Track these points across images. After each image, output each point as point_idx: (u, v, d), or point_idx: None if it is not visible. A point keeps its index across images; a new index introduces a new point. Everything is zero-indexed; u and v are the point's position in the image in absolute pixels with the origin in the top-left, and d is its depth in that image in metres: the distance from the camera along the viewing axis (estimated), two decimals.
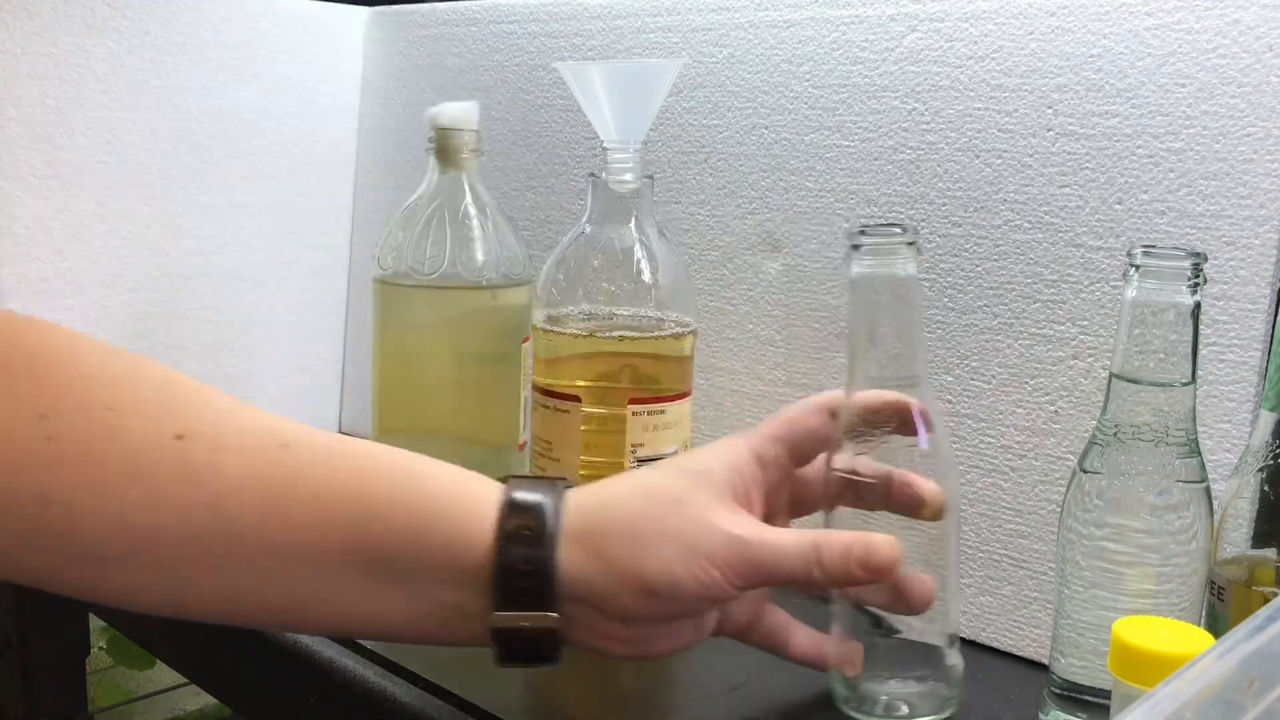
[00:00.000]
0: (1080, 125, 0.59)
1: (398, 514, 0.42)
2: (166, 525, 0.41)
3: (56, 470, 0.40)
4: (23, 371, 0.41)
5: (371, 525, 0.42)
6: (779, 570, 0.45)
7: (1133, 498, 0.48)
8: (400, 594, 0.43)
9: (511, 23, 0.89)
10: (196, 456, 0.41)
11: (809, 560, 0.45)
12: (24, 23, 0.79)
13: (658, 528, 0.44)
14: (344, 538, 0.42)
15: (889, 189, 0.67)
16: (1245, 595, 0.47)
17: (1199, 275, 0.46)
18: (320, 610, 0.43)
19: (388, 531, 0.42)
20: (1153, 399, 0.47)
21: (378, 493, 0.42)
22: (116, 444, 0.41)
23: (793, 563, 0.45)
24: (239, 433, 0.42)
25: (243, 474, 0.41)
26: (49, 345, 0.42)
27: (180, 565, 0.41)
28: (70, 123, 0.81)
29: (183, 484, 0.41)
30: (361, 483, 0.42)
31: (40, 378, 0.41)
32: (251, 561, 0.41)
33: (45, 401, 0.40)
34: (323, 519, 0.42)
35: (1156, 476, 0.47)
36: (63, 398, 0.41)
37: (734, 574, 0.44)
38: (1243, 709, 0.27)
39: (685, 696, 0.59)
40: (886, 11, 0.67)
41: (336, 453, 0.43)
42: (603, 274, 0.63)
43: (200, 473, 0.41)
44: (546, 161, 0.87)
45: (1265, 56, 0.54)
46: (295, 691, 0.61)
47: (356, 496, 0.42)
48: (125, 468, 0.40)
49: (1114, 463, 0.48)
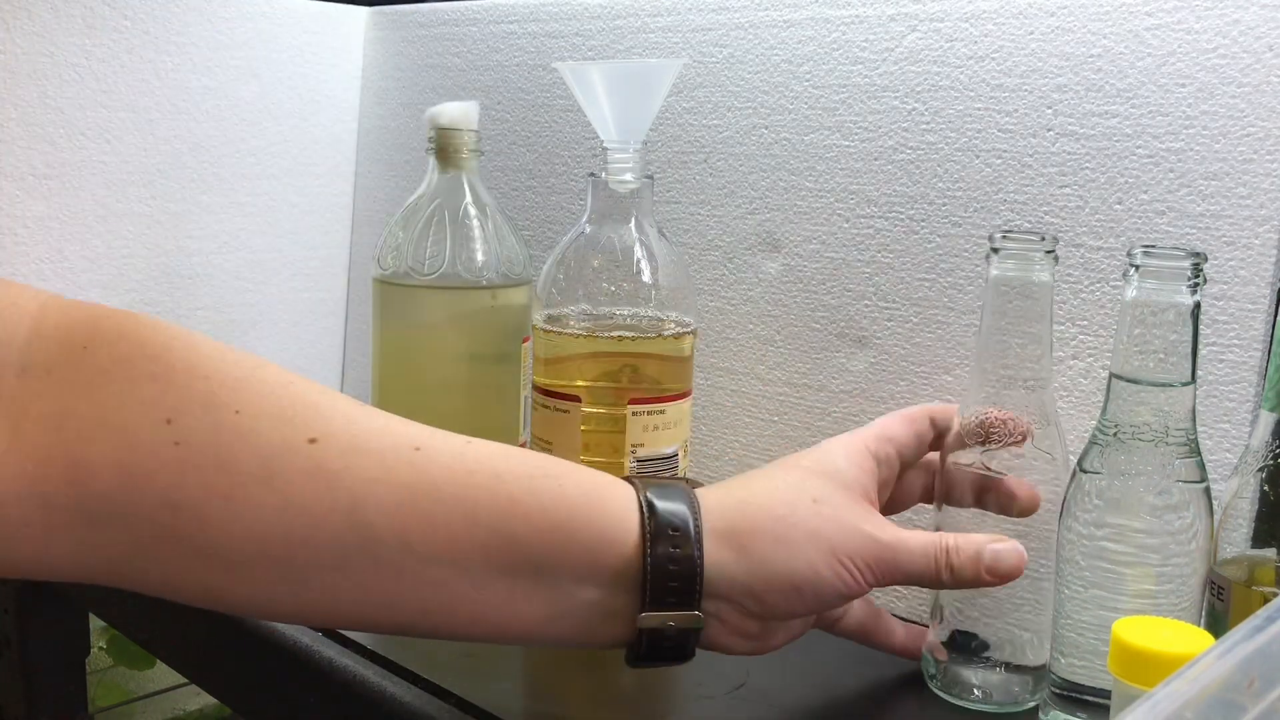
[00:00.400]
0: (1080, 125, 0.60)
1: (539, 515, 0.42)
2: (301, 530, 0.40)
3: (186, 475, 0.39)
4: (145, 375, 0.40)
5: (514, 526, 0.42)
6: (912, 571, 0.47)
7: (1133, 498, 0.48)
8: (543, 594, 0.43)
9: (511, 23, 0.89)
10: (331, 460, 0.40)
11: (940, 563, 0.48)
12: (24, 23, 0.79)
13: (801, 527, 0.45)
14: (486, 540, 0.41)
15: (889, 189, 0.67)
16: (1245, 595, 0.47)
17: (1199, 275, 0.46)
18: (459, 613, 0.42)
19: (531, 533, 0.42)
20: (1153, 399, 0.47)
21: (517, 495, 0.42)
22: (247, 447, 0.39)
23: (926, 564, 0.47)
24: (371, 435, 0.42)
25: (378, 477, 0.41)
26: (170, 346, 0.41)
27: (315, 571, 0.40)
28: (70, 123, 0.81)
29: (318, 488, 0.40)
30: (499, 484, 0.42)
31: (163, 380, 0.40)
32: (390, 565, 0.41)
33: (170, 404, 0.39)
34: (464, 521, 0.41)
35: (1156, 477, 0.47)
36: (188, 400, 0.40)
37: (870, 573, 0.46)
38: (1243, 709, 0.27)
39: (685, 696, 0.59)
40: (886, 11, 0.67)
41: (470, 455, 0.43)
42: (603, 274, 0.63)
43: (336, 476, 0.40)
44: (546, 161, 0.87)
45: (1265, 56, 0.54)
46: (295, 691, 0.61)
47: (495, 498, 0.42)
48: (258, 472, 0.39)
49: (1114, 463, 0.48)
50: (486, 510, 0.41)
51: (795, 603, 0.45)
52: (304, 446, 0.40)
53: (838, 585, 0.46)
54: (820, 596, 0.46)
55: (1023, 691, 0.55)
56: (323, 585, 0.41)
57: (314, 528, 0.40)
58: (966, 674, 0.56)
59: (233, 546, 0.39)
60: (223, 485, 0.39)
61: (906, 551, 0.47)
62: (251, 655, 0.63)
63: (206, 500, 0.39)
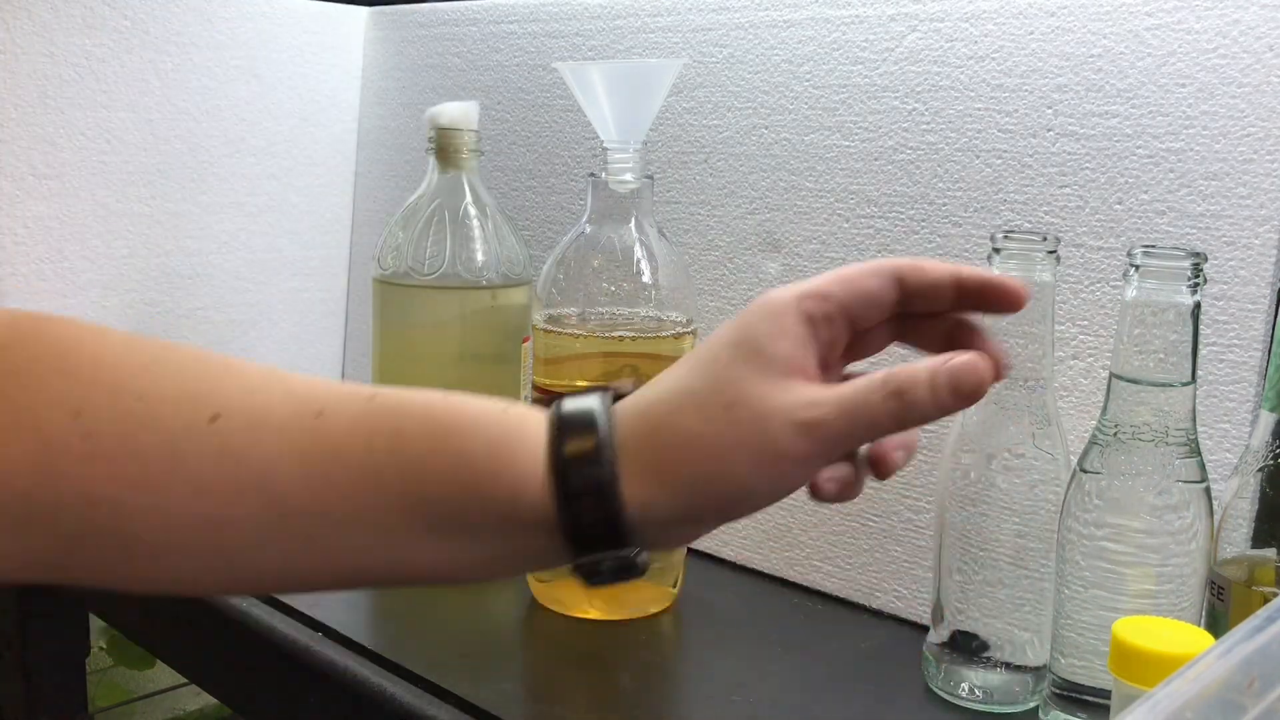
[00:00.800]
0: (1080, 125, 0.59)
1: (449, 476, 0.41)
2: (217, 512, 0.39)
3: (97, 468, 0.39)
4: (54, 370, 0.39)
5: (425, 489, 0.41)
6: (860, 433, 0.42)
7: (1133, 498, 0.48)
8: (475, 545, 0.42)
9: (511, 23, 0.89)
10: (233, 437, 0.40)
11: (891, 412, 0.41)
12: (24, 23, 0.79)
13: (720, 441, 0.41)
14: (401, 504, 0.40)
15: (889, 189, 0.67)
16: (1245, 595, 0.47)
17: (1199, 275, 0.46)
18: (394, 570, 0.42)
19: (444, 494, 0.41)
20: (1153, 399, 0.47)
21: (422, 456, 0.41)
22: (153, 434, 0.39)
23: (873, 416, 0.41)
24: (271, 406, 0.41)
25: (282, 450, 0.40)
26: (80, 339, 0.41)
27: (239, 549, 0.40)
28: (70, 123, 0.81)
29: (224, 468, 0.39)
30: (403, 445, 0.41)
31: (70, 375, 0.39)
32: (310, 536, 0.40)
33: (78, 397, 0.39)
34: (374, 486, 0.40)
35: (1156, 477, 0.47)
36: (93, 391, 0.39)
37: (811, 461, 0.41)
38: (1243, 709, 0.27)
39: (685, 696, 0.59)
40: (886, 11, 0.67)
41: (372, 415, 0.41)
42: (603, 274, 0.63)
43: (240, 454, 0.40)
44: (546, 161, 0.87)
45: (1265, 56, 0.54)
46: (295, 691, 0.61)
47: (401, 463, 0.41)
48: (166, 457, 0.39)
49: (1114, 463, 0.48)
50: (394, 476, 0.40)
51: (733, 514, 0.42)
52: (205, 426, 0.39)
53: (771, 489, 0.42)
54: (757, 504, 0.42)
55: (1023, 691, 0.55)
56: (249, 562, 0.41)
57: (228, 508, 0.39)
58: (966, 674, 0.56)
59: (154, 537, 0.39)
60: (134, 474, 0.39)
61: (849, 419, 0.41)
62: (251, 655, 0.63)
63: (120, 491, 0.39)
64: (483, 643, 0.61)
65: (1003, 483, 0.55)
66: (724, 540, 0.74)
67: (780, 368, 0.43)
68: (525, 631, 0.65)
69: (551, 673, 0.61)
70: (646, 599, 0.65)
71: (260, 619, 0.62)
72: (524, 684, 0.57)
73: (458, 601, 0.67)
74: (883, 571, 0.67)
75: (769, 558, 0.72)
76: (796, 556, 0.70)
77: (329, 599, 0.64)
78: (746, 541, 0.73)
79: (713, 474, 0.41)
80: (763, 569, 0.72)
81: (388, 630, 0.62)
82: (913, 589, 0.66)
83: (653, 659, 0.61)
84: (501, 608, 0.67)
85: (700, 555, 0.74)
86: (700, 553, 0.74)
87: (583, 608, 0.64)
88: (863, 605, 0.67)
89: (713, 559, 0.74)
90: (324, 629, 0.61)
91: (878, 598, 0.67)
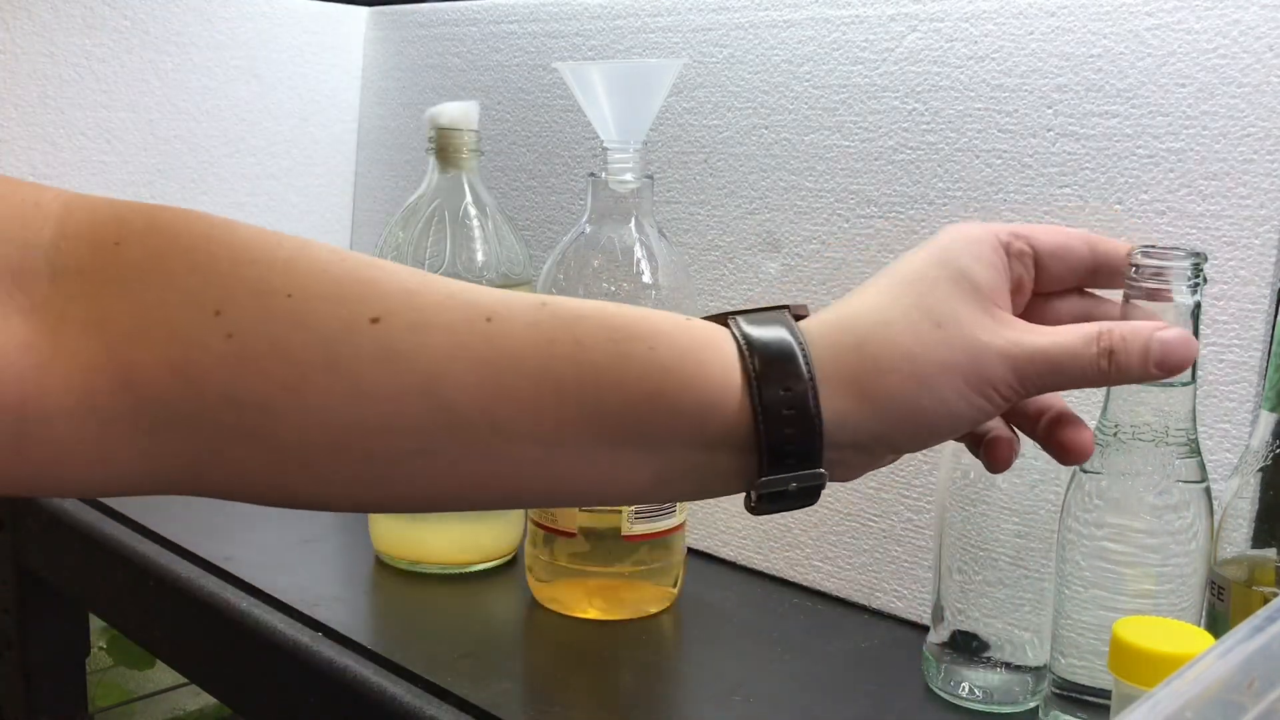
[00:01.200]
0: (1080, 125, 0.59)
1: (633, 384, 0.38)
2: (376, 417, 0.37)
3: (244, 368, 0.36)
4: (185, 267, 0.36)
5: (605, 398, 0.38)
6: (1063, 378, 0.41)
7: (1133, 498, 0.48)
8: (650, 461, 0.39)
9: (511, 23, 0.89)
10: (398, 339, 0.37)
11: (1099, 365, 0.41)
12: (24, 23, 0.79)
13: (928, 360, 0.40)
14: (578, 415, 0.38)
15: (889, 189, 0.67)
16: (1245, 595, 0.47)
17: (1199, 275, 0.46)
18: (562, 486, 0.40)
19: (625, 404, 0.38)
20: (1153, 399, 0.47)
21: (604, 364, 0.38)
22: (306, 333, 0.36)
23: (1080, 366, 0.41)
24: (437, 309, 0.38)
25: (452, 354, 0.37)
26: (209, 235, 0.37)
27: (399, 458, 0.37)
28: (70, 123, 0.81)
29: (388, 370, 0.37)
30: (583, 353, 0.38)
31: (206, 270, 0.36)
32: (479, 446, 0.38)
33: (217, 295, 0.36)
34: (552, 396, 0.38)
35: (1156, 477, 0.47)
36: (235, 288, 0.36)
37: (1013, 392, 0.41)
38: (1243, 709, 0.27)
39: (685, 696, 0.59)
40: (886, 11, 0.67)
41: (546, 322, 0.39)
42: (603, 274, 0.63)
43: (406, 357, 0.37)
44: (546, 161, 0.87)
45: (1265, 56, 0.54)
46: (295, 691, 0.61)
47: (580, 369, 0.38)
48: (320, 358, 0.36)
49: (1114, 463, 0.48)
50: (574, 383, 0.38)
51: (927, 439, 0.41)
52: (367, 327, 0.37)
53: (973, 414, 0.40)
54: (955, 429, 0.41)
55: (1023, 692, 0.55)
56: (408, 473, 0.38)
57: (391, 414, 0.37)
58: (966, 674, 0.56)
59: (305, 440, 0.37)
60: (285, 376, 0.36)
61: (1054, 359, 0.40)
62: (251, 655, 0.63)
63: (270, 393, 0.36)
64: (483, 643, 0.61)
65: (1003, 483, 0.55)
66: (724, 540, 0.74)
67: (986, 295, 0.42)
68: (525, 631, 0.65)
69: (551, 673, 0.61)
70: (646, 599, 0.65)
71: (260, 619, 0.63)
72: (524, 684, 0.57)
73: (458, 601, 0.67)
74: (883, 571, 0.67)
75: (769, 558, 0.72)
76: (796, 556, 0.70)
77: (329, 599, 0.64)
78: (746, 541, 0.73)
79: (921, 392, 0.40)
80: (763, 569, 0.72)
81: (388, 630, 0.62)
82: (913, 589, 0.66)
83: (653, 659, 0.61)
84: (501, 608, 0.67)
85: (700, 555, 0.74)
86: (700, 553, 0.74)
87: (583, 608, 0.64)
88: (863, 605, 0.67)
89: (713, 559, 0.74)
90: (324, 629, 0.61)
91: (878, 598, 0.67)
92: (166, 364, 0.35)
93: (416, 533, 0.70)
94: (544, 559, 0.65)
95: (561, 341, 0.38)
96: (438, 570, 0.70)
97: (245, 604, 0.64)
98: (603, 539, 0.63)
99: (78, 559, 0.77)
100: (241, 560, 0.68)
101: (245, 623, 0.63)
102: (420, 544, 0.70)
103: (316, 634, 0.61)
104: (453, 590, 0.68)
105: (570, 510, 0.63)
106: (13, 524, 0.83)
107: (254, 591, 0.65)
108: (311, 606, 0.63)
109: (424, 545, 0.70)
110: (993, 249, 0.43)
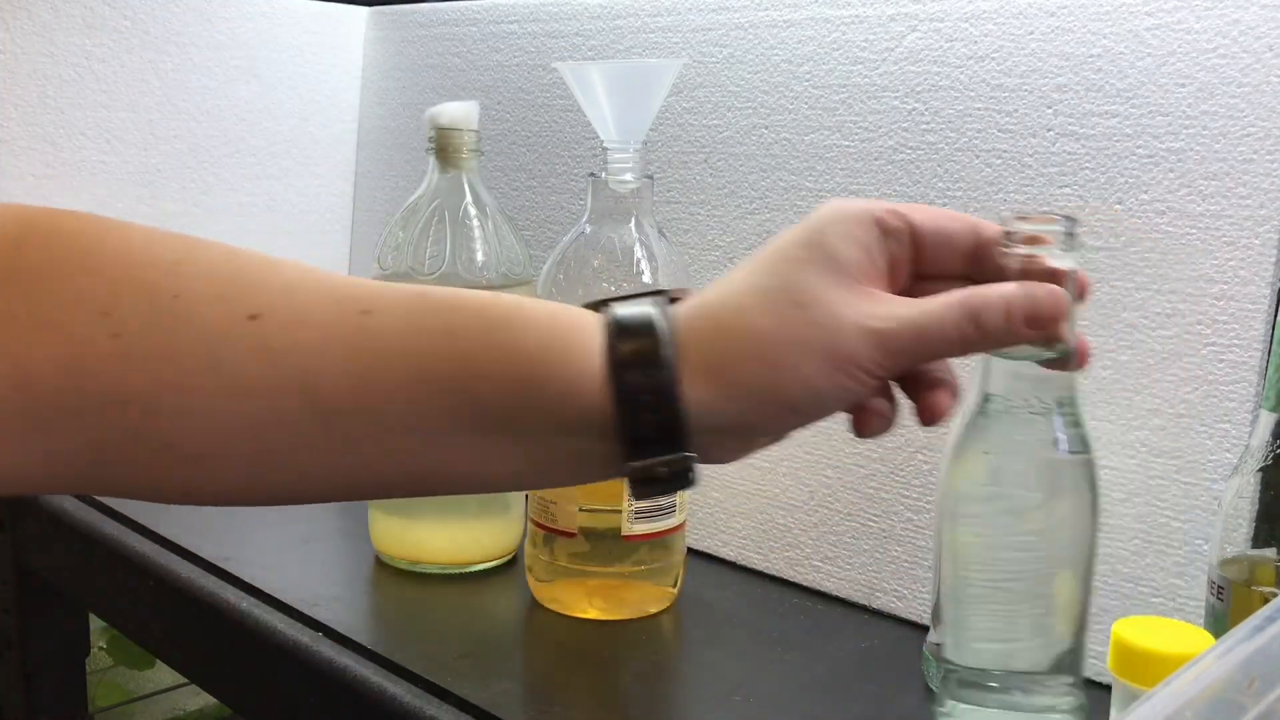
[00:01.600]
0: (1080, 125, 0.60)
1: (499, 373, 0.39)
2: (256, 413, 0.38)
3: (130, 367, 0.37)
4: (80, 269, 0.38)
5: (475, 387, 0.39)
6: (930, 349, 0.41)
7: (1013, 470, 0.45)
8: (520, 448, 0.40)
9: (511, 23, 0.89)
10: (273, 336, 0.38)
11: (963, 330, 0.40)
12: (24, 23, 0.79)
13: (787, 340, 0.40)
14: (449, 404, 0.39)
15: (889, 189, 0.67)
16: (1245, 595, 0.47)
17: (1072, 238, 0.44)
18: (438, 474, 0.41)
19: (493, 392, 0.39)
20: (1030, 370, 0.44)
21: (473, 352, 0.39)
22: (188, 332, 0.37)
23: (945, 335, 0.40)
24: (314, 305, 0.39)
25: (325, 350, 0.38)
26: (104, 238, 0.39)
27: (280, 453, 0.39)
28: (70, 123, 0.81)
29: (264, 367, 0.38)
30: (453, 342, 0.39)
31: (98, 273, 0.38)
32: (355, 439, 0.39)
33: (106, 296, 0.37)
34: (422, 385, 0.39)
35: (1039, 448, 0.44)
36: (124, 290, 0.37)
37: (879, 368, 0.40)
38: (1243, 709, 0.27)
39: (685, 696, 0.59)
40: (886, 11, 0.67)
41: (420, 311, 0.40)
42: (603, 274, 0.63)
43: (281, 354, 0.38)
44: (546, 161, 0.87)
45: (1265, 56, 0.54)
46: (295, 691, 0.61)
47: (451, 360, 0.39)
48: (202, 357, 0.37)
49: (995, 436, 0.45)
50: (444, 373, 0.39)
51: (792, 421, 0.41)
52: (245, 325, 0.38)
53: (838, 393, 0.40)
54: (822, 409, 0.41)
55: None
56: (291, 467, 0.39)
57: (268, 410, 0.38)
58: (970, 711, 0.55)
59: (191, 438, 0.38)
60: (168, 375, 0.37)
61: (919, 330, 0.40)
62: (251, 655, 0.64)
63: (154, 392, 0.37)
64: (483, 643, 0.61)
65: None
66: (724, 540, 0.74)
67: (853, 272, 0.41)
68: (525, 631, 0.65)
69: (551, 673, 0.61)
70: (646, 599, 0.65)
71: (260, 619, 0.63)
72: (524, 684, 0.57)
73: (458, 601, 0.67)
74: (883, 571, 0.67)
75: (769, 558, 0.72)
76: (796, 556, 0.70)
77: (329, 599, 0.64)
78: (746, 541, 0.73)
79: (779, 375, 0.40)
80: (763, 569, 0.72)
81: (388, 630, 0.62)
82: (913, 589, 0.66)
83: (653, 659, 0.61)
84: (501, 608, 0.67)
85: (700, 555, 0.74)
86: (700, 553, 0.74)
87: (583, 608, 0.64)
88: (863, 605, 0.67)
89: (713, 559, 0.74)
90: (324, 629, 0.61)
91: (878, 598, 0.67)
92: (56, 363, 0.37)
93: (416, 533, 0.70)
94: (544, 559, 0.65)
95: (433, 331, 0.39)
96: (438, 570, 0.70)
97: (245, 604, 0.64)
98: (603, 539, 0.63)
99: (78, 559, 0.77)
100: (241, 560, 0.68)
101: (245, 623, 0.63)
102: (420, 544, 0.70)
103: (316, 634, 0.61)
104: (453, 590, 0.68)
105: (570, 510, 0.63)
106: (13, 524, 0.83)
107: (254, 591, 0.65)
108: (311, 606, 0.63)
109: (424, 545, 0.70)
110: (863, 226, 0.42)
